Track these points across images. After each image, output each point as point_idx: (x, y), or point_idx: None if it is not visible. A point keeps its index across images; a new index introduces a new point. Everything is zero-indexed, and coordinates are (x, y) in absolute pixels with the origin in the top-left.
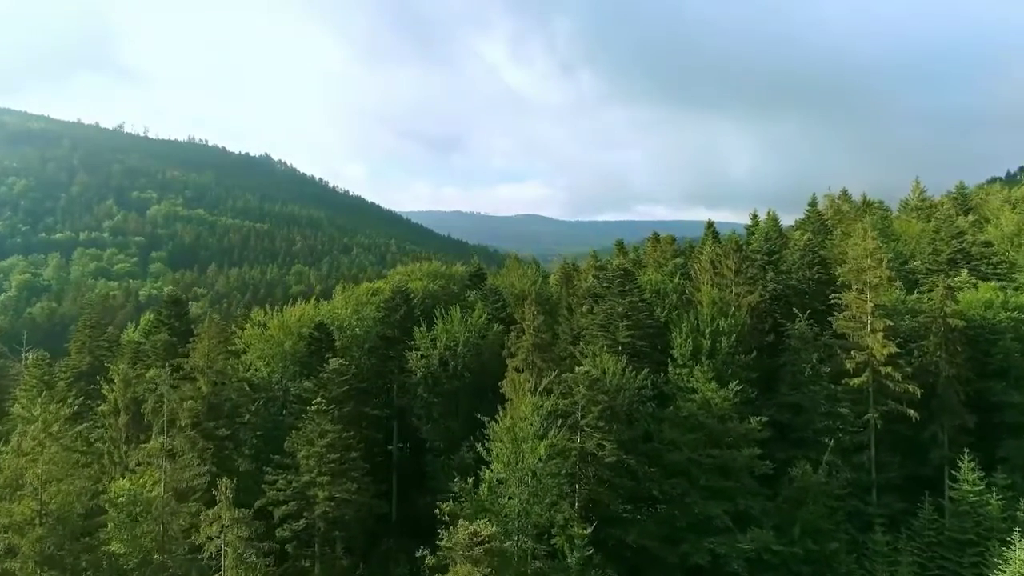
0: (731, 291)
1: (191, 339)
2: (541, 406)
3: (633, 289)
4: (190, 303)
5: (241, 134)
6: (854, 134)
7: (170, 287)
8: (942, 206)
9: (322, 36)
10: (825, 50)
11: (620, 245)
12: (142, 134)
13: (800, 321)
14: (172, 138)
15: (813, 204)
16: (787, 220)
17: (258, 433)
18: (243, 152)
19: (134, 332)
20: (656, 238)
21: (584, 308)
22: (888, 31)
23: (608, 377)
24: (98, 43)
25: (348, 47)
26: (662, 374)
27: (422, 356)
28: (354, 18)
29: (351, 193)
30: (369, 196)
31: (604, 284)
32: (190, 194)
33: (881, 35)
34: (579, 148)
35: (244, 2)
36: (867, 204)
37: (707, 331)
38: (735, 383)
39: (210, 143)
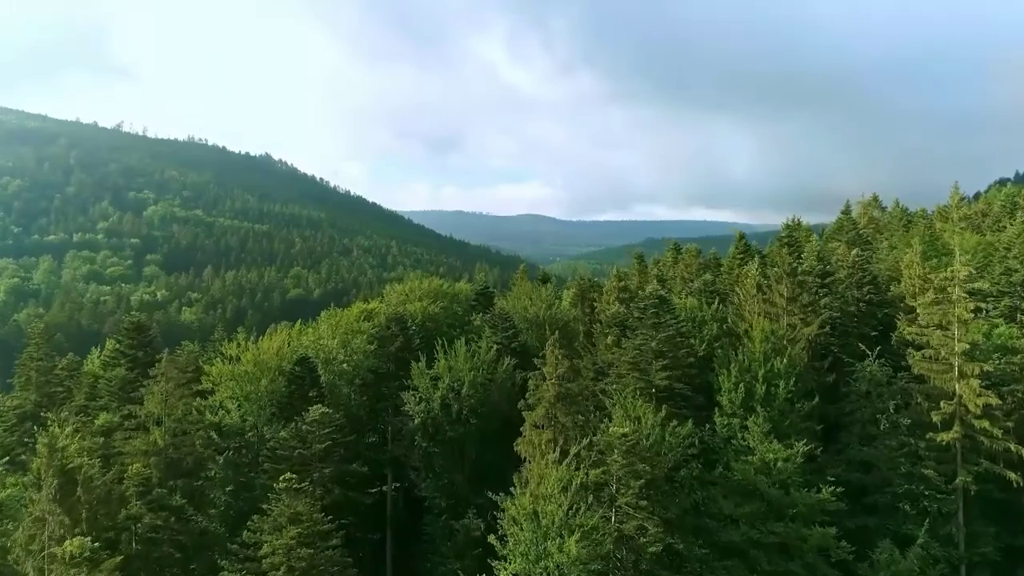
0: (783, 322)
1: (151, 377)
2: (569, 481)
3: (669, 320)
4: (183, 308)
5: (241, 134)
6: (854, 134)
7: (163, 291)
8: (983, 216)
9: (317, 35)
10: (825, 50)
11: (639, 259)
12: (141, 133)
13: (871, 361)
14: (172, 137)
15: (847, 212)
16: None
17: (228, 488)
18: (243, 152)
19: (98, 358)
20: (676, 248)
21: (609, 339)
22: (888, 32)
23: (644, 430)
24: (94, 42)
25: (343, 45)
26: (707, 425)
27: (420, 399)
28: (347, 16)
29: (352, 193)
30: (369, 196)
31: (637, 316)
32: (188, 194)
33: (881, 36)
34: (579, 148)
35: (238, 1)
36: (900, 211)
37: (760, 373)
38: (802, 443)
39: (210, 143)
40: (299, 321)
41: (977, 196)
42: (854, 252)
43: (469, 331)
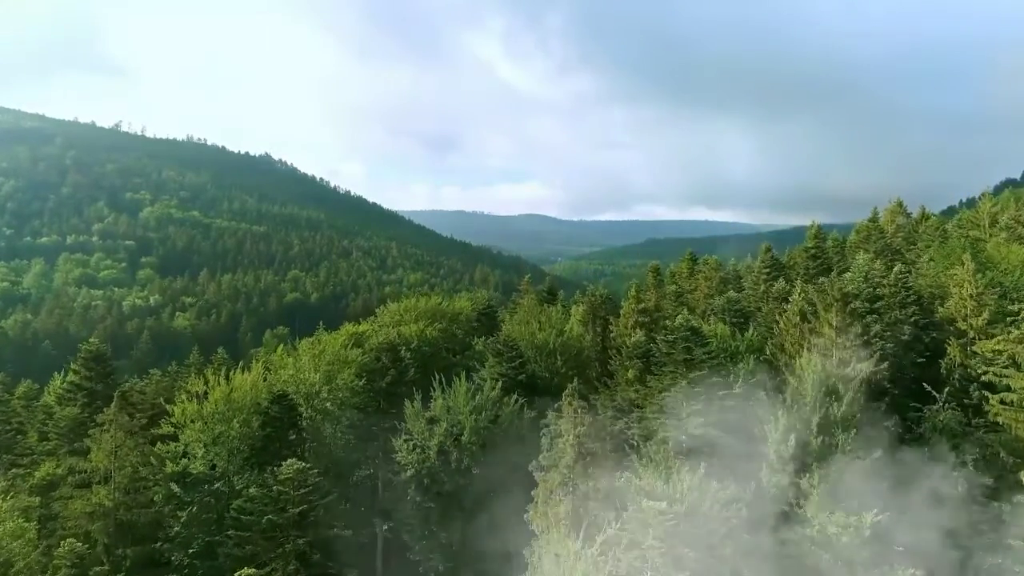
0: (833, 356)
1: (99, 424)
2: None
3: (701, 355)
4: (177, 314)
5: (242, 134)
6: (855, 134)
7: (156, 295)
8: (1017, 223)
9: (315, 33)
10: (825, 50)
11: (656, 272)
12: (139, 133)
13: (941, 407)
14: (171, 137)
15: (874, 219)
16: (790, 221)
17: (192, 549)
18: (243, 151)
19: (61, 385)
20: (692, 259)
21: (631, 374)
22: (888, 32)
23: (678, 492)
24: (93, 42)
25: (340, 44)
26: (752, 483)
27: (414, 446)
28: (345, 15)
29: (352, 193)
30: (369, 196)
31: (666, 352)
32: (185, 195)
33: (881, 35)
34: (578, 147)
35: (230, 2)
36: (937, 220)
37: (814, 421)
38: (871, 514)
39: (209, 142)
40: (280, 346)
41: (983, 197)
42: (896, 268)
43: (470, 357)
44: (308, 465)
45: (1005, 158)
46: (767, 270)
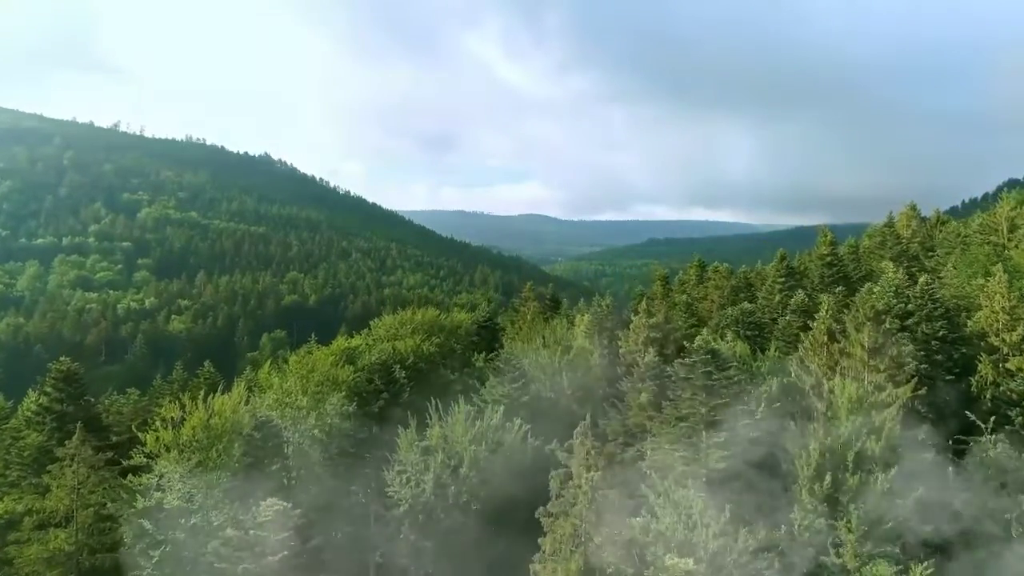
0: (864, 380)
1: (59, 459)
2: None
3: (723, 380)
4: (172, 317)
5: (240, 134)
6: (855, 134)
7: (152, 298)
8: None
9: (311, 34)
10: (825, 50)
11: (663, 280)
12: (138, 133)
13: (989, 441)
14: (169, 137)
15: (890, 224)
16: (790, 221)
17: None
18: (242, 151)
19: (36, 401)
20: (701, 265)
21: (643, 398)
22: (889, 31)
23: (706, 539)
24: (92, 42)
25: (337, 44)
26: (782, 527)
27: (408, 479)
28: (343, 14)
29: (352, 193)
30: (369, 196)
31: (683, 376)
32: (184, 196)
33: (882, 35)
34: (578, 147)
35: (230, 1)
36: (942, 222)
37: (849, 456)
38: (921, 568)
39: (208, 142)
40: (268, 363)
41: (986, 197)
42: (923, 280)
43: (470, 375)
44: (289, 505)
45: (1005, 158)
46: (782, 279)
